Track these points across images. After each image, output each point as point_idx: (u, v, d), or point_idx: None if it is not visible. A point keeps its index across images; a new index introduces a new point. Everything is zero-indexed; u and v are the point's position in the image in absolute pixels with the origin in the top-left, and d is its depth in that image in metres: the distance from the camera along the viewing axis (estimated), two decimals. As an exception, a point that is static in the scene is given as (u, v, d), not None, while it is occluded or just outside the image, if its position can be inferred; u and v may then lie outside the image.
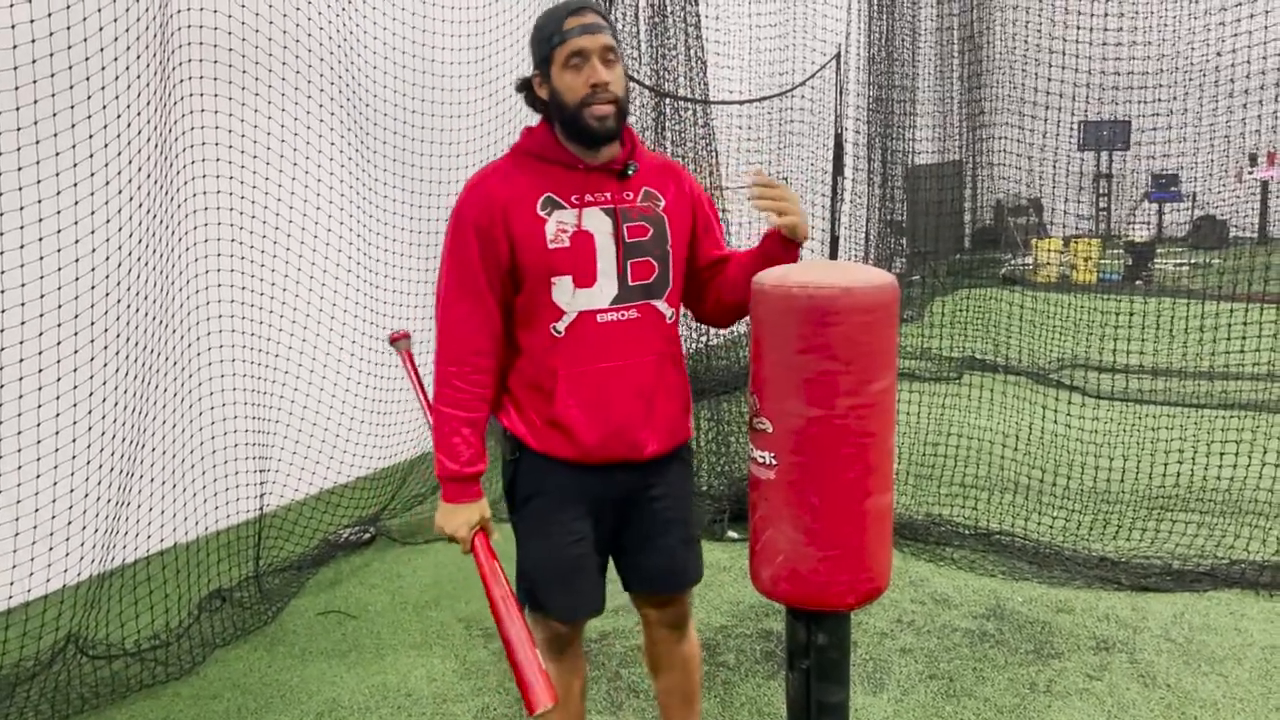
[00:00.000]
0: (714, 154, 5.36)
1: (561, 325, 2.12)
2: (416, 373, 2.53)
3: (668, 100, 5.06)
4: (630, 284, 2.14)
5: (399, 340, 2.64)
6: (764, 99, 7.95)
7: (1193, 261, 11.25)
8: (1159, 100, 8.81)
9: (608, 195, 2.14)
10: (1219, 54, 8.59)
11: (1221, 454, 4.78)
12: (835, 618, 1.92)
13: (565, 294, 2.11)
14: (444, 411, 2.16)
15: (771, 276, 1.86)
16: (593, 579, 2.27)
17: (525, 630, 2.09)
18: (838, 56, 8.60)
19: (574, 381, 2.13)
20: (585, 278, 2.11)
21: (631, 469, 2.21)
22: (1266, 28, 6.92)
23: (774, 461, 1.83)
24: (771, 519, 1.86)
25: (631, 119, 2.29)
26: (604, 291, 2.12)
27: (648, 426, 2.19)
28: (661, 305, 2.19)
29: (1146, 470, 4.84)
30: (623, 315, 2.14)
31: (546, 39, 2.12)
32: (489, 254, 2.10)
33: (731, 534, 4.30)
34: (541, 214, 2.09)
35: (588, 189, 2.13)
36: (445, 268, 2.15)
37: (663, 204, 2.20)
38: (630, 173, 2.17)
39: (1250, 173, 12.39)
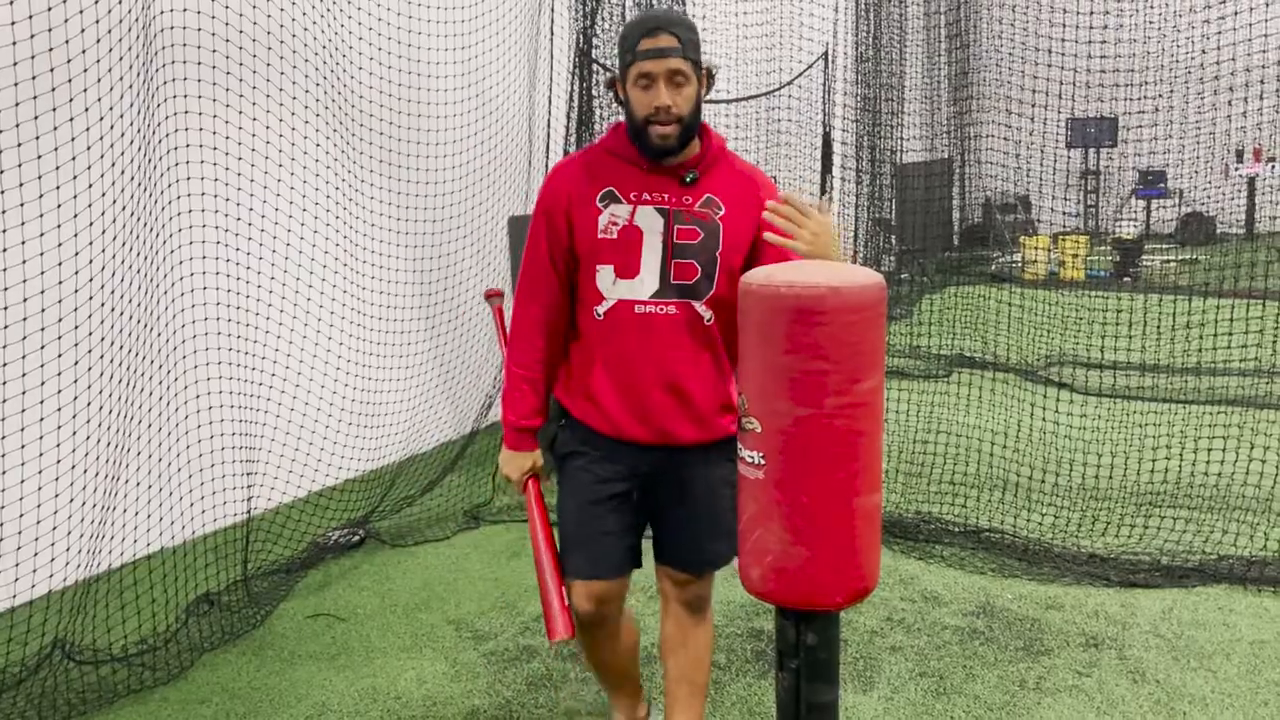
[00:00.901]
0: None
1: (602, 309, 2.32)
2: (502, 329, 2.82)
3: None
4: (672, 282, 2.28)
5: (492, 297, 2.97)
6: (752, 98, 7.96)
7: (1180, 258, 11.30)
8: (1146, 97, 8.85)
9: (666, 196, 2.28)
10: (1204, 51, 8.63)
11: (1209, 450, 4.79)
12: (825, 617, 1.91)
13: (606, 281, 2.30)
14: (510, 369, 2.46)
15: (758, 276, 1.85)
16: (613, 541, 2.40)
17: (555, 566, 2.36)
18: (825, 55, 8.61)
19: (609, 362, 2.32)
20: (627, 269, 2.28)
21: (666, 450, 2.35)
22: (1251, 25, 6.95)
23: (762, 461, 1.82)
24: (760, 519, 1.85)
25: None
26: (645, 284, 2.28)
27: (680, 418, 2.33)
28: (700, 307, 2.30)
29: (1135, 466, 4.85)
30: (661, 309, 2.29)
31: (623, 55, 2.26)
32: (552, 232, 2.34)
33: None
34: (599, 205, 2.30)
35: (647, 188, 2.29)
36: (525, 245, 2.43)
37: (721, 212, 2.30)
38: (689, 180, 2.29)
39: (1236, 169, 12.43)
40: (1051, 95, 7.33)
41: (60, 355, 3.67)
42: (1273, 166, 12.11)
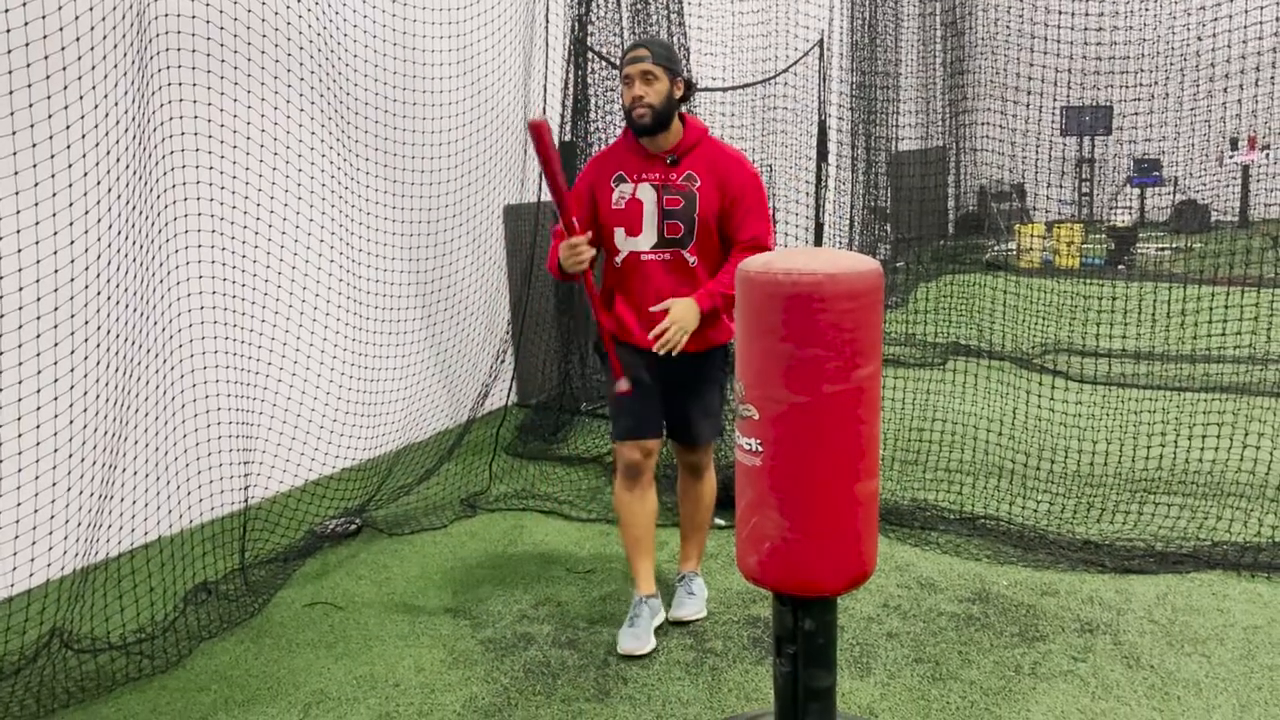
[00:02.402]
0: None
1: (619, 259, 3.26)
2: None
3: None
4: (665, 237, 3.19)
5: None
6: (747, 86, 7.94)
7: (1174, 246, 11.31)
8: (1140, 85, 8.85)
9: (658, 175, 3.19)
10: (1199, 38, 8.62)
11: (1204, 436, 4.81)
12: (822, 603, 1.93)
13: (620, 239, 3.24)
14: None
15: (756, 264, 1.86)
16: (638, 415, 3.28)
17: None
18: (821, 43, 8.58)
19: (627, 295, 3.27)
20: (633, 230, 3.20)
21: (668, 355, 3.13)
22: (1246, 12, 6.95)
23: (760, 448, 1.83)
24: (758, 505, 1.86)
25: None
26: (647, 239, 3.20)
27: None
28: (686, 254, 3.20)
29: (1130, 453, 4.87)
30: (659, 256, 3.21)
31: (620, 71, 3.22)
32: (584, 190, 3.30)
33: (719, 521, 4.30)
34: (612, 185, 3.23)
35: (645, 169, 3.20)
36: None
37: (698, 184, 3.17)
38: (669, 161, 3.18)
39: (1231, 157, 12.43)
40: (1046, 83, 7.32)
41: (56, 344, 3.67)
42: (1267, 154, 12.11)
